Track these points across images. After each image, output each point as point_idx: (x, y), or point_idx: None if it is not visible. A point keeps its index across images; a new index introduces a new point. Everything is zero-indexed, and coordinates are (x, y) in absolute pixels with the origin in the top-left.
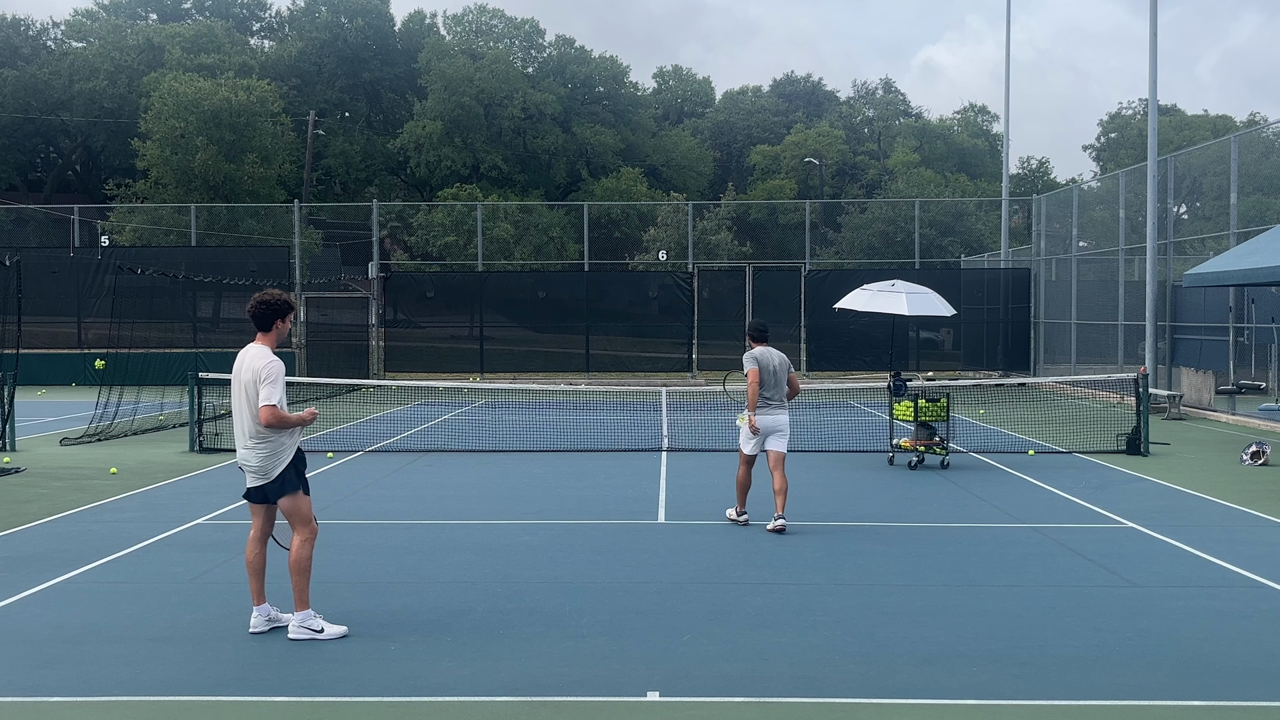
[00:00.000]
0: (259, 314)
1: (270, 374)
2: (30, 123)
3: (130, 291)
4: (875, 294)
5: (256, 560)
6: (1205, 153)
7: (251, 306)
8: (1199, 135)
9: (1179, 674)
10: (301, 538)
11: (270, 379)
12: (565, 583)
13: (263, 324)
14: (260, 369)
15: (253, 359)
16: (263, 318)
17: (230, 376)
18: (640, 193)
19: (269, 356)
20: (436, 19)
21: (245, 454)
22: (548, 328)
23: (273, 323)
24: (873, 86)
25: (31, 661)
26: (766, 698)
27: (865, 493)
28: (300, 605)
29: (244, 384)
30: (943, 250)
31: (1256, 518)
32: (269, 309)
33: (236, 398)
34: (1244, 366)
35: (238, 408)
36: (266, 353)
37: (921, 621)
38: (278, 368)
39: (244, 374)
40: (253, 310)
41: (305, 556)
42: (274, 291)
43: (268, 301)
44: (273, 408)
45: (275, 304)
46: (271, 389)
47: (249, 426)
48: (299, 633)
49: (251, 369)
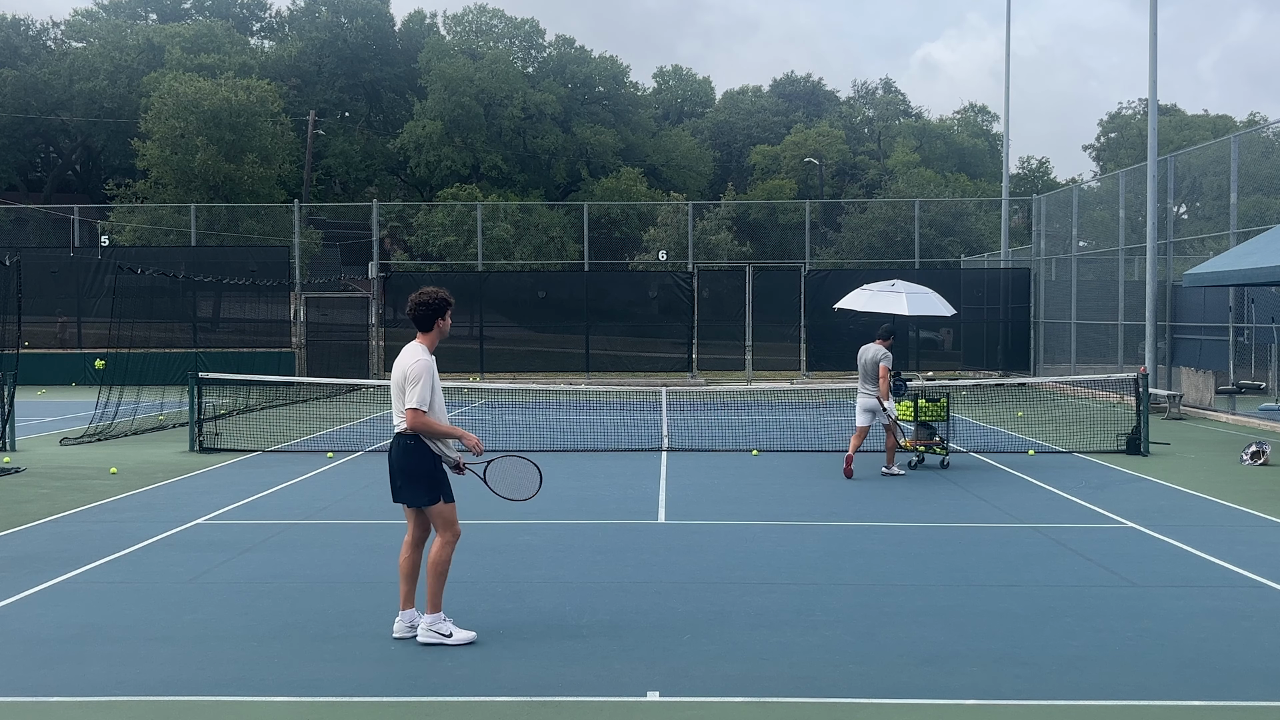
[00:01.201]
0: (420, 315)
1: (416, 374)
2: (30, 123)
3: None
4: (875, 294)
5: (407, 564)
6: (1205, 153)
7: (411, 308)
8: (1199, 135)
9: (1179, 674)
10: (443, 540)
11: (415, 379)
12: (565, 583)
13: (424, 324)
14: (408, 368)
15: (403, 357)
16: (423, 318)
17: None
18: (640, 193)
19: (417, 354)
20: (436, 19)
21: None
22: (548, 328)
23: (434, 322)
24: (873, 86)
25: (31, 661)
26: (766, 698)
27: (865, 493)
28: (432, 608)
29: (395, 380)
30: (943, 250)
31: (1256, 518)
32: (429, 309)
33: (394, 396)
34: (1244, 366)
35: (395, 406)
36: (417, 351)
37: (921, 621)
38: (423, 367)
39: (396, 371)
40: (412, 311)
41: (444, 560)
42: (430, 290)
43: (426, 302)
44: (416, 411)
45: (434, 303)
46: (414, 390)
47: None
48: (428, 636)
49: (402, 367)
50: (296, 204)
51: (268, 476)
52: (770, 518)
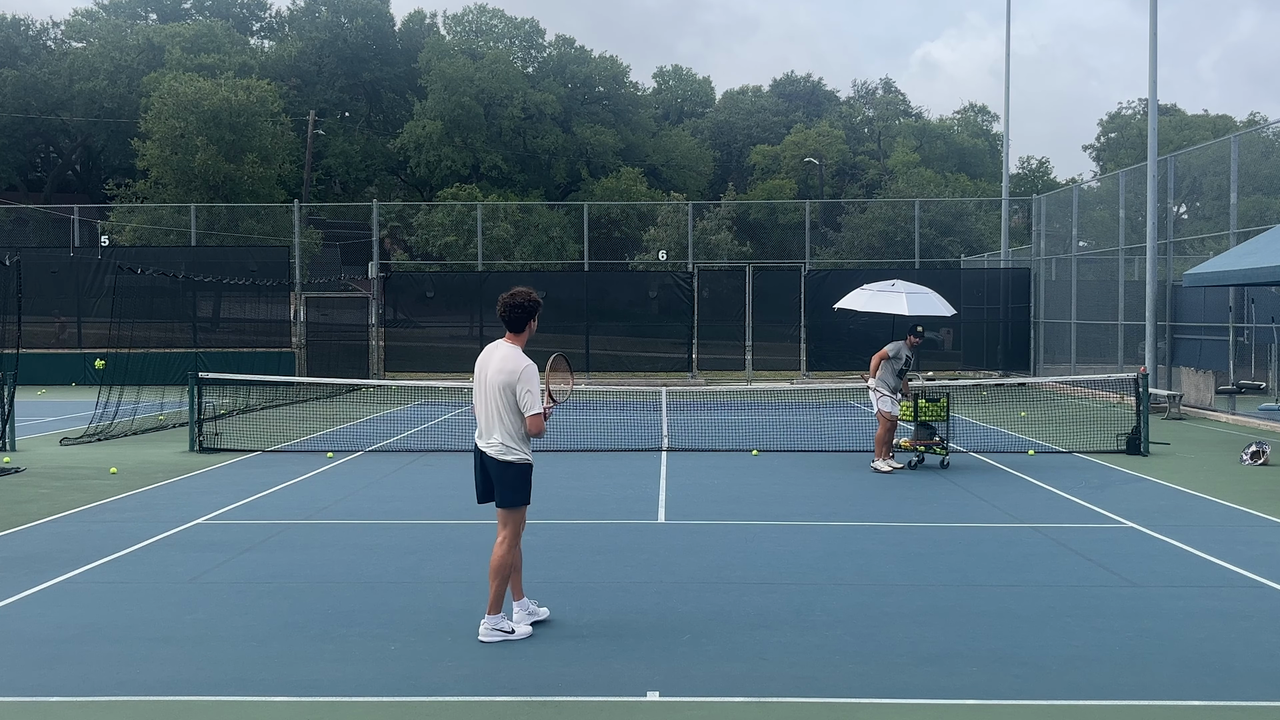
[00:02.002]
0: (513, 316)
1: (531, 378)
2: (30, 123)
3: (130, 291)
4: (875, 294)
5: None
6: (1205, 153)
7: (503, 309)
8: (1199, 135)
9: (1179, 674)
10: (511, 542)
11: (531, 382)
12: (565, 583)
13: (516, 325)
14: (520, 372)
15: (504, 358)
16: (516, 320)
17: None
18: (640, 193)
19: (525, 359)
20: (436, 19)
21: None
22: (547, 328)
23: (526, 323)
24: (873, 86)
25: (32, 661)
26: (766, 698)
27: (865, 493)
28: (494, 609)
29: (498, 385)
30: (943, 250)
31: (1256, 518)
32: (523, 310)
33: (487, 397)
34: (1244, 366)
35: (487, 407)
36: (520, 354)
37: (921, 621)
38: (533, 372)
39: (495, 374)
40: (505, 312)
41: (508, 562)
42: (523, 291)
43: (521, 303)
44: (538, 417)
45: (528, 304)
46: (534, 396)
47: (503, 423)
48: (491, 635)
49: (505, 370)
50: (296, 204)
51: (268, 476)
52: (770, 518)
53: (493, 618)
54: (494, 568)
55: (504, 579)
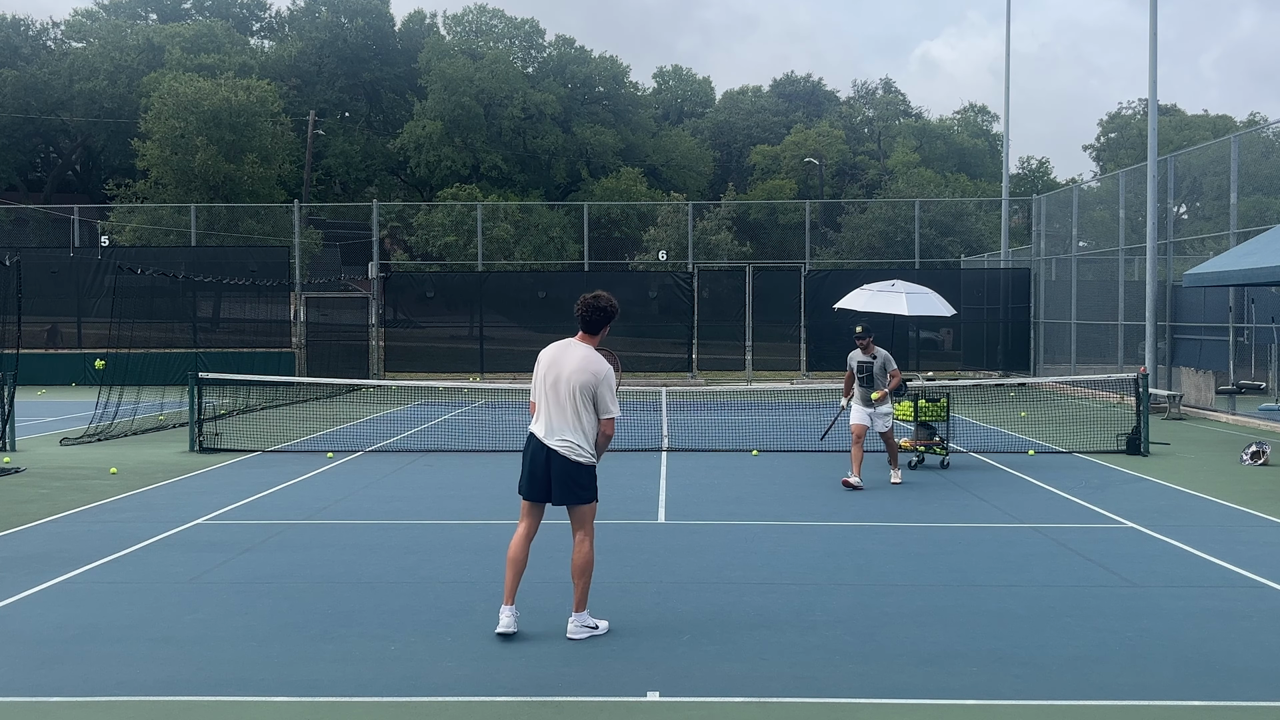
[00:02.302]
0: (594, 318)
1: (612, 381)
2: (30, 123)
3: (130, 291)
4: (875, 294)
5: (521, 560)
6: (1205, 153)
7: (585, 309)
8: (1199, 135)
9: (1179, 674)
10: (590, 540)
11: (612, 386)
12: (565, 583)
13: (594, 327)
14: (602, 376)
15: (586, 359)
16: (595, 322)
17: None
18: (640, 193)
19: (605, 363)
20: (436, 19)
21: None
22: (548, 328)
23: (602, 327)
24: (873, 86)
25: (32, 661)
26: (766, 698)
27: (865, 493)
28: (580, 607)
29: (578, 385)
30: (943, 250)
31: (1256, 518)
32: (604, 315)
33: (554, 393)
34: (1244, 366)
35: (557, 403)
36: (600, 357)
37: (921, 621)
38: (614, 376)
39: (575, 373)
40: (586, 313)
41: (592, 560)
42: (607, 296)
43: (604, 308)
44: (613, 420)
45: (610, 309)
46: (615, 400)
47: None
48: (579, 632)
49: (589, 370)
50: (296, 204)
51: (268, 476)
52: (770, 518)
53: (580, 615)
54: (579, 567)
55: (588, 576)
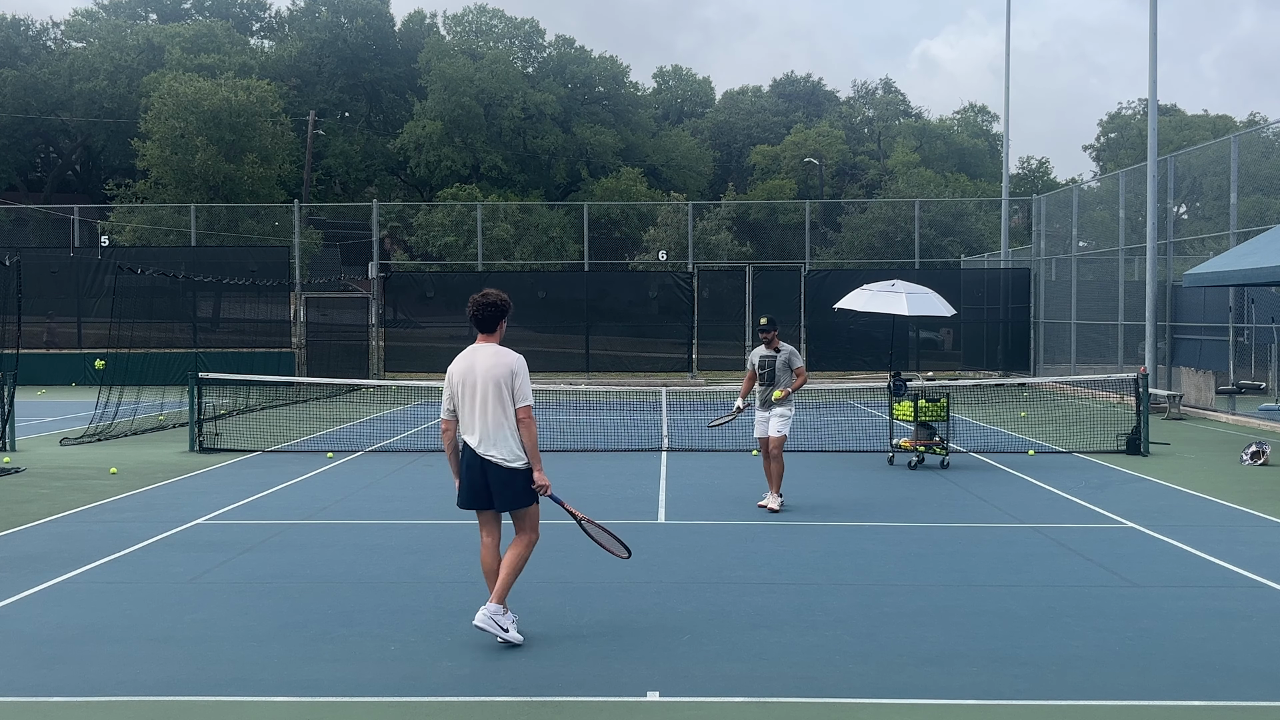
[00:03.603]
0: (484, 315)
1: (523, 369)
2: (30, 123)
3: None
4: (875, 294)
5: (496, 566)
6: (1205, 153)
7: (475, 308)
8: (1199, 135)
9: (1179, 674)
10: (528, 540)
11: (524, 375)
12: (565, 583)
13: (488, 325)
14: (514, 364)
15: (495, 354)
16: (489, 319)
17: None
18: (640, 193)
19: (512, 352)
20: (436, 19)
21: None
22: (548, 328)
23: (497, 323)
24: (873, 86)
25: (31, 661)
26: (766, 698)
27: (865, 493)
28: (498, 599)
29: (492, 380)
30: (943, 250)
31: (1256, 518)
32: (495, 309)
33: (475, 398)
34: (1244, 366)
35: (480, 408)
36: (506, 349)
37: (921, 621)
38: (524, 363)
39: (486, 371)
40: (477, 311)
41: (525, 560)
42: (494, 291)
43: (493, 303)
44: (529, 407)
45: (500, 304)
46: (525, 387)
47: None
48: (487, 624)
49: (500, 363)
50: (296, 204)
51: (268, 476)
52: (770, 518)
53: (495, 606)
54: (510, 560)
55: (515, 573)
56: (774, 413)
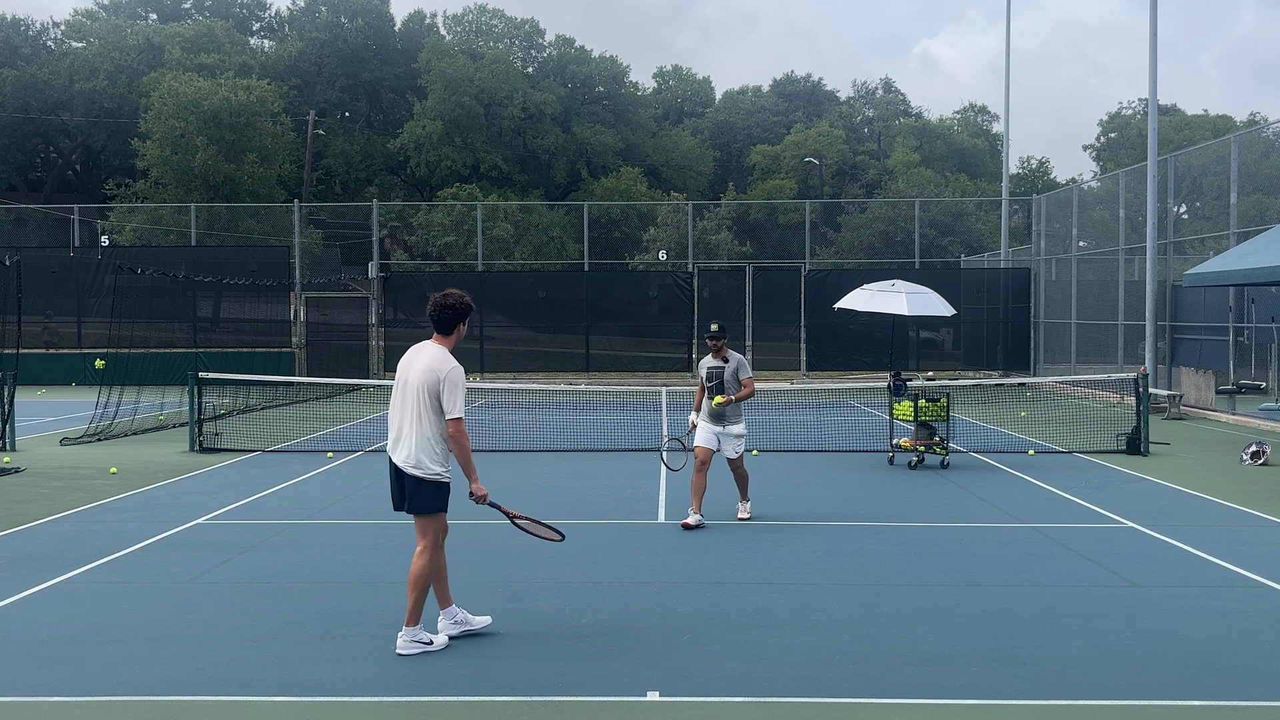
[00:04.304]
0: (442, 317)
1: (456, 380)
2: (30, 123)
3: (130, 291)
4: (875, 294)
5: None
6: (1205, 153)
7: (434, 308)
8: (1199, 135)
9: (1179, 674)
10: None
11: (456, 385)
12: (565, 583)
13: (445, 326)
14: (444, 374)
15: (432, 358)
16: (445, 321)
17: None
18: (640, 193)
19: (452, 361)
20: (436, 19)
21: (410, 453)
22: (548, 328)
23: (455, 326)
24: (873, 86)
25: (31, 661)
26: (766, 698)
27: (865, 493)
28: (411, 621)
29: (421, 385)
30: (943, 250)
31: (1256, 518)
32: (453, 311)
33: (402, 396)
34: (1244, 366)
35: (409, 408)
36: (448, 356)
37: (921, 621)
38: (460, 374)
39: (418, 374)
40: (435, 312)
41: (427, 573)
42: (455, 293)
43: (451, 305)
44: (460, 421)
45: (459, 306)
46: (455, 399)
47: (423, 428)
48: (409, 648)
49: (431, 369)
50: (296, 204)
51: (268, 476)
52: (770, 518)
53: (411, 629)
54: (412, 578)
55: (423, 589)
56: (727, 432)
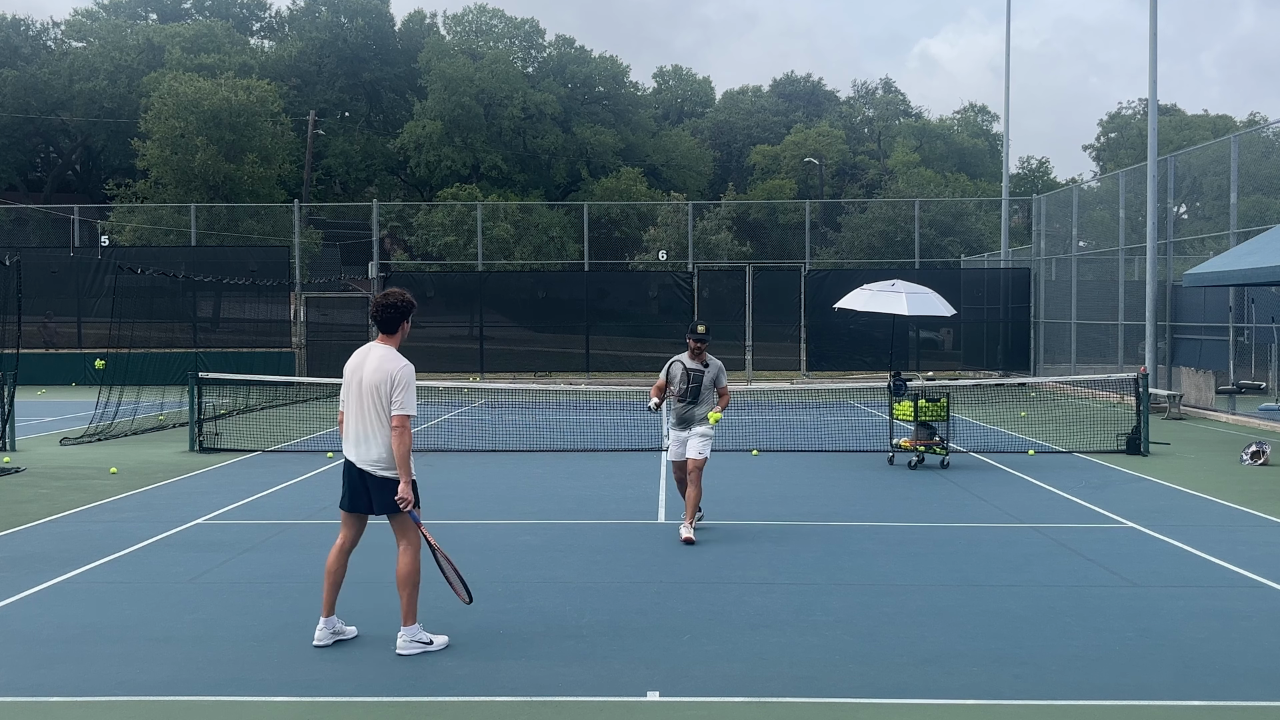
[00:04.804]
0: (385, 317)
1: (405, 379)
2: (30, 123)
3: (130, 291)
4: (875, 294)
5: (339, 572)
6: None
7: (375, 309)
8: (1199, 135)
9: (1179, 674)
10: (413, 552)
11: (405, 384)
12: (565, 583)
13: (388, 326)
14: (394, 373)
15: (381, 359)
16: (389, 320)
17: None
18: (640, 193)
19: (401, 359)
20: (436, 19)
21: (373, 454)
22: (548, 328)
23: (398, 324)
24: (872, 86)
25: (31, 661)
26: (766, 698)
27: (865, 493)
28: (408, 620)
29: (372, 385)
30: (943, 250)
31: (1256, 518)
32: (395, 310)
33: (357, 399)
34: (1244, 366)
35: (364, 408)
36: (397, 355)
37: (921, 621)
38: (411, 373)
39: (369, 374)
40: (377, 312)
41: (415, 570)
42: (395, 291)
43: (393, 304)
44: (407, 418)
45: (400, 305)
46: (407, 396)
47: (373, 429)
48: (409, 648)
49: (382, 369)
50: (296, 204)
51: (268, 476)
52: (770, 518)
53: (409, 629)
54: (401, 578)
55: (414, 587)
56: (695, 432)
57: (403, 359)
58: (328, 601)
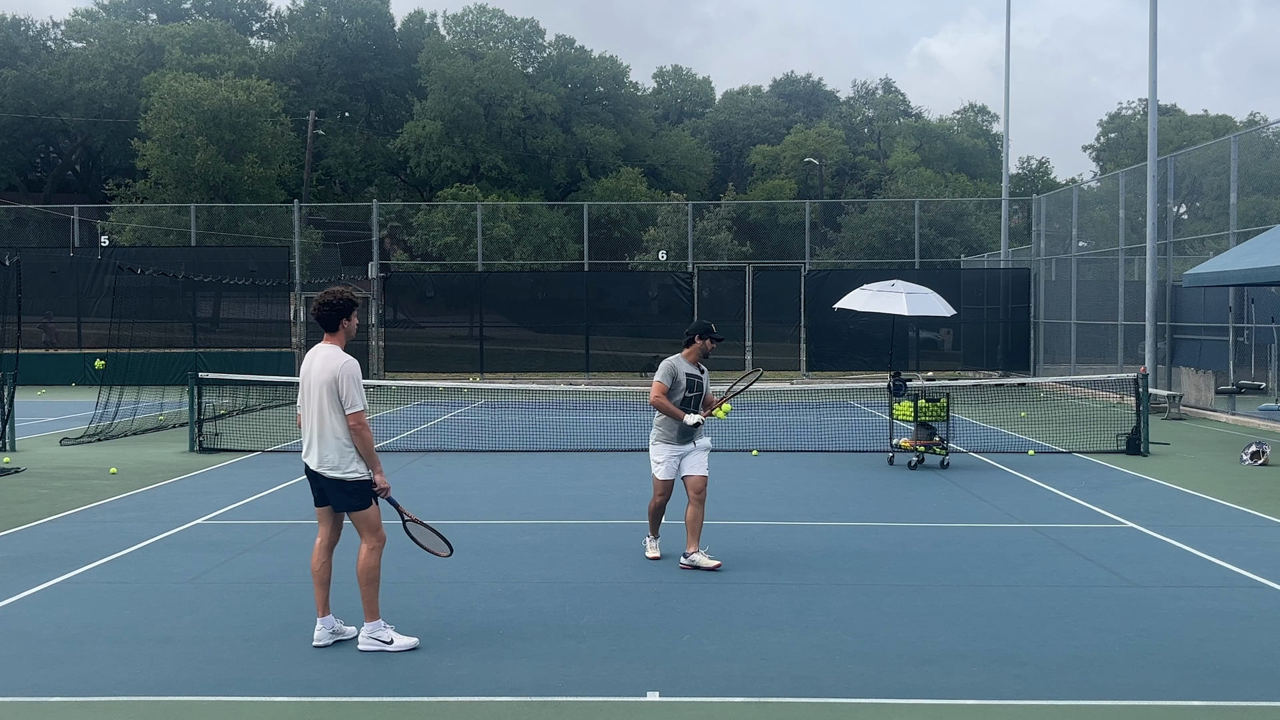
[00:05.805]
0: (324, 315)
1: (347, 375)
2: (30, 123)
3: (130, 291)
4: (875, 294)
5: (323, 570)
6: (1205, 153)
7: (315, 309)
8: (1199, 135)
9: (1179, 674)
10: (369, 546)
11: (348, 380)
12: (565, 583)
13: (329, 325)
14: (338, 370)
15: (325, 359)
16: (327, 319)
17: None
18: (640, 193)
19: (344, 356)
20: (436, 19)
21: (323, 455)
22: (548, 328)
23: (338, 322)
24: (872, 86)
25: (31, 661)
26: (766, 698)
27: (865, 493)
28: (370, 616)
29: (320, 385)
30: (943, 250)
31: (1256, 518)
32: (332, 309)
33: (310, 400)
34: (1244, 366)
35: (313, 409)
36: (339, 353)
37: (921, 621)
38: (353, 368)
39: (318, 374)
40: (316, 312)
41: (374, 566)
42: (336, 290)
43: (329, 302)
44: (360, 413)
45: (337, 303)
46: (353, 393)
47: (329, 428)
48: (368, 644)
49: (326, 369)
50: (296, 204)
51: (268, 476)
52: (770, 518)
53: (370, 625)
54: (360, 572)
55: (372, 582)
56: (699, 445)
57: (345, 355)
58: (320, 601)
